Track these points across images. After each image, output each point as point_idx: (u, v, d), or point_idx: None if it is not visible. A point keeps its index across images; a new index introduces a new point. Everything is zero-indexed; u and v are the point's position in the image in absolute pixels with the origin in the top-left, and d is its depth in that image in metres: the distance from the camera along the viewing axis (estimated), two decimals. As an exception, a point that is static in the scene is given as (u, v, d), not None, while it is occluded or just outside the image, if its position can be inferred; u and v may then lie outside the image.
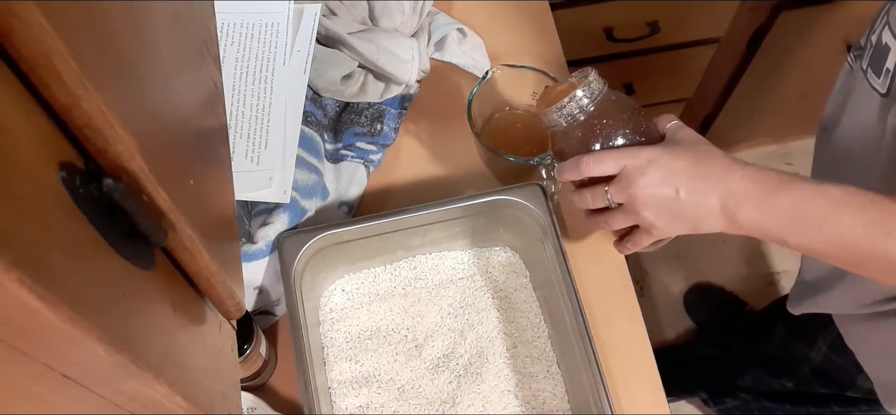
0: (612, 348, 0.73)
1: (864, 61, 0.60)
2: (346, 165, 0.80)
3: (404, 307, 0.75)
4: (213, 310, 0.39)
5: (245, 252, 0.68)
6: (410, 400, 0.71)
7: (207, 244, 0.33)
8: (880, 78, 0.57)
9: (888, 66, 0.55)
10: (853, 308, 0.74)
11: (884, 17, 0.55)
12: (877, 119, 0.59)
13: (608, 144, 0.61)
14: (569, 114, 0.62)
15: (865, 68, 0.59)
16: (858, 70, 0.61)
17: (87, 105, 0.22)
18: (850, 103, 0.63)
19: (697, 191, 0.55)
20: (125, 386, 0.26)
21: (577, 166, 0.60)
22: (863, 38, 0.65)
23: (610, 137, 0.61)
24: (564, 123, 0.62)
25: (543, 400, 0.71)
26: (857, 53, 0.62)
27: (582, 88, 0.61)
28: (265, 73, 0.76)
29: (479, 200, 0.72)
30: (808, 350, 0.92)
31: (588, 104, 0.61)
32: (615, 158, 0.57)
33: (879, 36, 0.56)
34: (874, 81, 0.58)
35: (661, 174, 0.55)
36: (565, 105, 0.61)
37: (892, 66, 0.54)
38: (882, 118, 0.58)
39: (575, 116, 0.62)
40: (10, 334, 0.20)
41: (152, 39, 0.30)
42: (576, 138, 0.62)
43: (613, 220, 0.61)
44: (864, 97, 0.60)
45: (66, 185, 0.22)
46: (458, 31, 0.89)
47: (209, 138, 0.40)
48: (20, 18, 0.19)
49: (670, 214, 0.56)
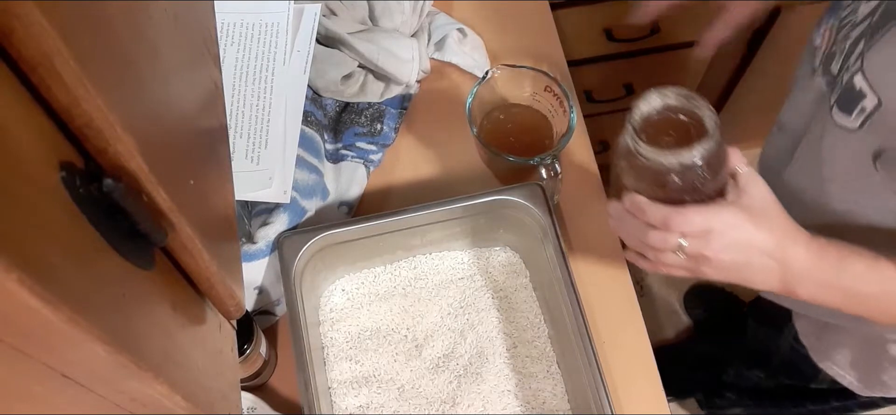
0: (612, 348, 0.73)
1: (831, 95, 0.59)
2: (346, 165, 0.80)
3: (404, 307, 0.75)
4: (213, 310, 0.39)
5: (245, 252, 0.68)
6: (410, 400, 0.71)
7: (207, 244, 0.33)
8: (851, 116, 0.56)
9: (864, 107, 0.54)
10: (812, 312, 0.76)
11: (857, 61, 0.54)
12: (845, 149, 0.59)
13: (698, 195, 0.57)
14: (683, 164, 0.55)
15: (831, 103, 0.58)
16: (826, 98, 0.60)
17: (87, 105, 0.22)
18: (816, 127, 0.62)
19: (765, 266, 0.57)
20: (125, 386, 0.26)
21: (666, 224, 0.57)
22: (817, 54, 0.64)
23: (703, 188, 0.56)
24: (669, 167, 0.55)
25: (543, 400, 0.71)
26: (828, 80, 0.61)
27: (710, 143, 0.54)
28: (265, 73, 0.76)
29: (479, 200, 0.72)
30: (777, 340, 0.93)
31: (705, 159, 0.55)
32: (704, 220, 0.56)
33: (851, 78, 0.55)
34: (842, 119, 0.57)
35: (740, 244, 0.56)
36: (684, 159, 0.54)
37: (868, 106, 0.53)
38: (853, 149, 0.58)
39: (686, 168, 0.55)
40: (11, 335, 0.20)
41: (152, 39, 0.30)
42: (667, 181, 0.56)
43: (669, 259, 0.60)
44: (831, 127, 0.59)
45: (66, 185, 0.22)
46: (458, 31, 0.89)
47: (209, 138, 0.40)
48: (20, 18, 0.19)
49: (730, 275, 0.58)
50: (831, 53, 0.60)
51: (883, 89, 0.51)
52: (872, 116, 0.54)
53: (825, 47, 0.63)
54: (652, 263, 0.62)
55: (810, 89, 0.65)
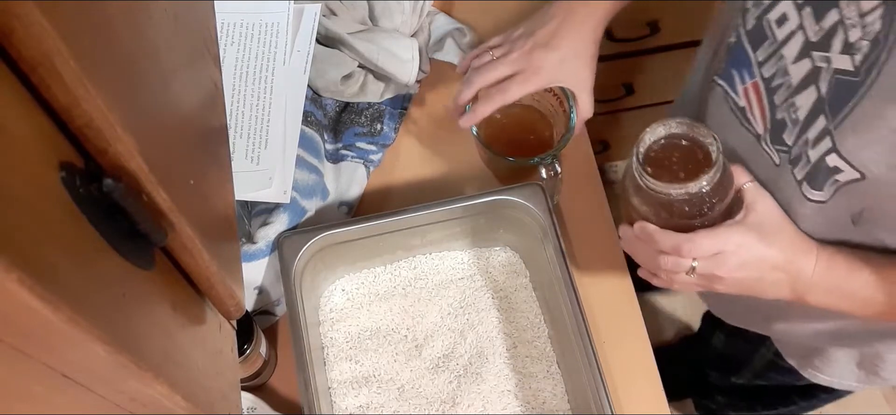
0: (612, 348, 0.73)
1: (796, 170, 0.58)
2: (346, 165, 0.80)
3: (404, 307, 0.75)
4: (213, 310, 0.39)
5: (245, 252, 0.68)
6: (410, 400, 0.71)
7: (207, 244, 0.33)
8: (823, 191, 0.56)
9: (838, 179, 0.54)
10: None
11: (825, 139, 0.53)
12: (818, 215, 0.58)
13: (706, 218, 0.58)
14: (690, 194, 0.56)
15: (800, 180, 0.57)
16: (786, 170, 0.59)
17: (87, 105, 0.22)
18: (778, 195, 0.61)
19: (777, 280, 0.58)
20: (125, 386, 0.26)
21: (678, 251, 0.57)
22: (752, 119, 0.62)
23: (711, 212, 0.58)
24: (679, 198, 0.57)
25: (543, 400, 0.71)
26: (782, 150, 0.60)
27: (714, 173, 0.55)
28: (265, 73, 0.76)
29: (479, 200, 0.72)
30: (752, 354, 0.94)
31: (715, 182, 0.56)
32: (714, 243, 0.57)
33: (822, 158, 0.54)
34: (814, 194, 0.57)
35: (753, 262, 0.57)
36: (692, 190, 0.56)
37: (844, 179, 0.53)
38: (828, 215, 0.58)
39: (694, 198, 0.57)
40: (11, 334, 0.20)
41: (152, 39, 0.30)
42: (675, 208, 0.58)
43: (687, 285, 0.61)
44: (800, 197, 0.59)
45: (66, 185, 0.22)
46: (458, 31, 0.89)
47: (209, 138, 0.40)
48: (20, 18, 0.19)
49: (743, 290, 0.60)
50: (779, 123, 0.58)
51: (865, 166, 0.51)
52: (848, 185, 0.54)
53: (761, 113, 0.60)
54: (665, 282, 0.62)
55: (752, 151, 0.63)
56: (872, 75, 0.48)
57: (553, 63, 0.70)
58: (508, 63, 0.71)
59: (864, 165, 0.51)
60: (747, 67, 0.60)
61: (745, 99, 0.62)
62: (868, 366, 0.75)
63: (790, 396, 1.00)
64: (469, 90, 0.71)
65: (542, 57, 0.70)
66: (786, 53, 0.55)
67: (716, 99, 0.66)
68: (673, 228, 0.58)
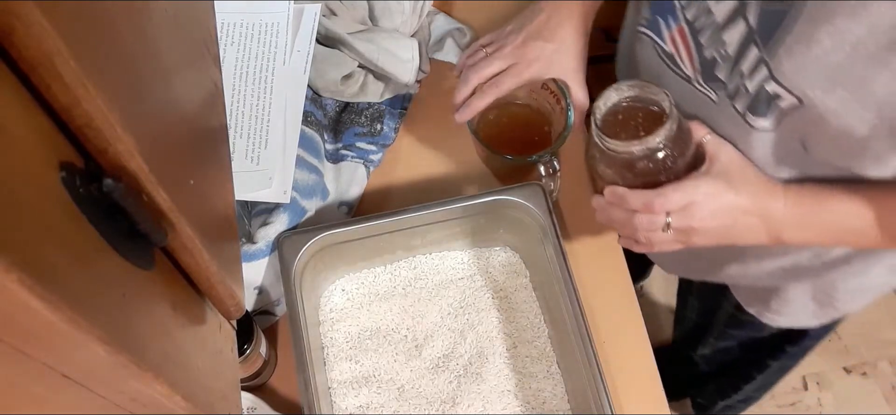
0: (612, 348, 0.73)
1: (737, 103, 0.59)
2: (346, 165, 0.80)
3: (404, 307, 0.75)
4: (213, 310, 0.39)
5: (245, 252, 0.68)
6: (410, 400, 0.71)
7: (207, 244, 0.33)
8: (768, 119, 0.57)
9: (780, 107, 0.55)
10: None
11: (760, 67, 0.54)
12: (768, 145, 0.59)
13: (670, 172, 0.60)
14: (649, 149, 0.58)
15: (742, 111, 0.58)
16: (725, 105, 0.60)
17: (87, 105, 0.22)
18: (721, 132, 0.63)
19: (750, 225, 0.60)
20: (125, 386, 0.26)
21: (648, 206, 0.59)
22: (680, 62, 0.63)
23: (674, 166, 0.60)
24: (639, 154, 0.59)
25: (543, 400, 0.71)
26: (718, 87, 0.61)
27: (670, 125, 0.58)
28: (265, 73, 0.76)
29: (479, 200, 0.72)
30: (715, 312, 0.97)
31: (669, 141, 0.58)
32: (685, 195, 0.59)
33: (760, 85, 0.55)
34: (759, 122, 0.58)
35: (724, 209, 0.59)
36: (650, 144, 0.58)
37: (785, 105, 0.54)
38: (776, 141, 0.59)
39: (652, 153, 0.59)
40: (11, 335, 0.20)
41: (152, 39, 0.30)
42: (638, 167, 0.60)
43: (659, 238, 0.62)
44: (747, 130, 0.59)
45: (66, 185, 0.22)
46: (458, 30, 0.89)
47: (209, 138, 0.40)
48: (20, 18, 0.19)
49: (720, 238, 0.61)
50: (709, 62, 0.59)
51: (803, 92, 0.52)
52: (791, 113, 0.55)
53: (688, 56, 0.62)
54: (645, 246, 0.64)
55: (688, 95, 0.64)
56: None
57: (545, 54, 0.72)
58: (502, 57, 0.73)
59: (802, 90, 0.52)
60: (671, 14, 0.62)
61: (672, 45, 0.63)
62: (823, 299, 0.77)
63: (761, 358, 1.02)
64: (465, 88, 0.73)
65: (535, 48, 0.72)
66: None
67: (645, 49, 0.68)
68: (640, 188, 0.60)
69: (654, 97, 0.60)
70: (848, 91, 0.50)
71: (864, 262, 0.69)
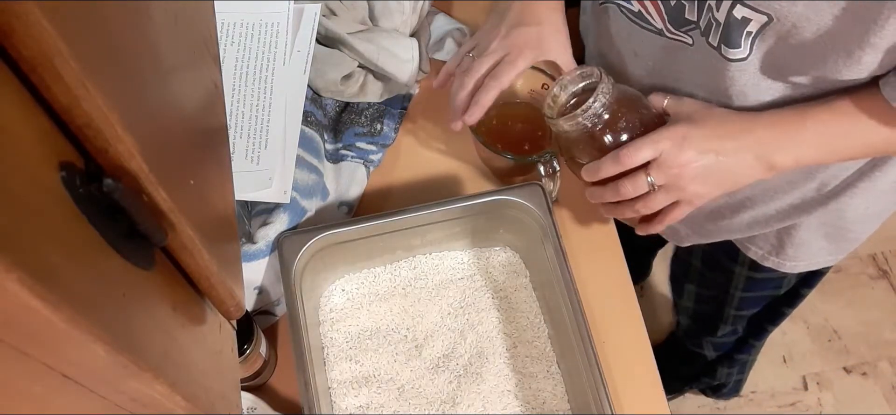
0: (612, 348, 0.73)
1: (710, 38, 0.58)
2: (346, 165, 0.80)
3: (404, 307, 0.75)
4: (213, 310, 0.39)
5: (245, 252, 0.68)
6: (410, 400, 0.71)
7: (207, 244, 0.33)
8: (741, 48, 0.56)
9: (750, 31, 0.55)
10: None
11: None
12: (749, 76, 0.59)
13: (631, 135, 0.62)
14: (594, 114, 0.62)
15: (716, 45, 0.58)
16: (701, 44, 0.60)
17: (87, 105, 0.22)
18: (701, 82, 0.63)
19: (733, 150, 0.59)
20: (125, 386, 0.26)
21: (616, 161, 0.61)
22: (650, 19, 0.63)
23: (631, 128, 0.62)
24: (590, 124, 0.62)
25: (543, 400, 0.71)
26: (689, 28, 0.61)
27: (603, 86, 0.61)
28: (265, 73, 0.76)
29: (479, 200, 0.72)
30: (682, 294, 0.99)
31: (611, 102, 0.61)
32: (653, 143, 0.60)
33: (729, 13, 0.54)
34: (733, 53, 0.57)
35: (698, 145, 0.59)
36: (591, 107, 0.61)
37: (754, 28, 0.54)
38: (755, 70, 0.58)
39: (600, 116, 0.62)
40: (10, 334, 0.20)
41: (152, 39, 0.30)
42: (597, 137, 0.63)
43: (654, 202, 0.63)
44: (723, 66, 0.59)
45: (66, 185, 0.22)
46: (458, 30, 0.89)
47: (209, 138, 0.40)
48: (20, 18, 0.19)
49: (714, 179, 0.61)
50: (676, 7, 0.59)
51: (770, 7, 0.52)
52: (761, 33, 0.55)
53: (655, 9, 0.62)
54: (651, 220, 0.65)
55: (665, 48, 0.65)
56: None
57: (532, 37, 0.71)
58: (490, 53, 0.72)
59: (769, 6, 0.52)
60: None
61: (638, 3, 0.64)
62: (833, 232, 0.77)
63: (779, 311, 1.02)
64: (463, 92, 0.72)
65: (521, 35, 0.71)
66: None
67: (613, 17, 0.68)
68: None
69: (591, 77, 0.63)
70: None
71: (868, 183, 0.69)
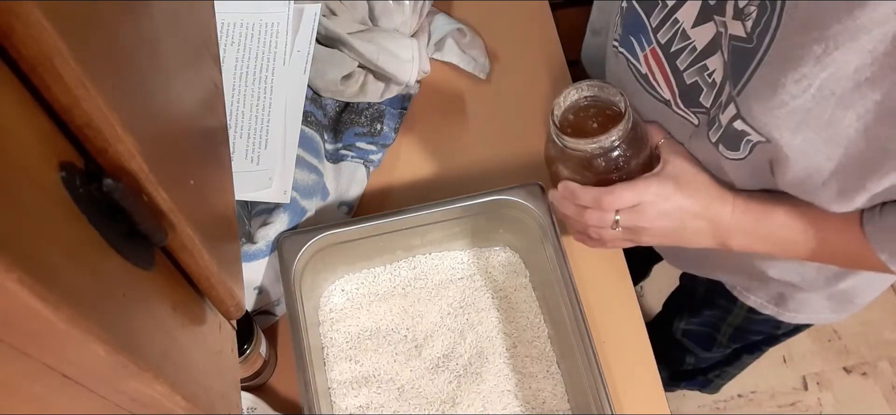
0: (612, 348, 0.73)
1: (710, 133, 0.58)
2: (346, 165, 0.80)
3: (404, 307, 0.75)
4: (213, 310, 0.39)
5: (245, 252, 0.68)
6: (410, 400, 0.71)
7: (207, 244, 0.33)
8: (739, 151, 0.56)
9: (749, 140, 0.54)
10: None
11: (730, 105, 0.54)
12: (739, 169, 0.59)
13: (623, 172, 0.61)
14: (602, 147, 0.60)
15: (714, 142, 0.58)
16: (703, 130, 0.59)
17: (87, 105, 0.22)
18: (696, 152, 0.62)
19: (698, 228, 0.61)
20: (125, 386, 0.26)
21: (598, 204, 0.60)
22: (656, 85, 0.62)
23: (624, 167, 0.61)
24: (592, 152, 0.60)
25: (543, 400, 0.71)
26: (697, 112, 0.60)
27: (623, 125, 0.59)
28: (265, 73, 0.76)
29: (479, 200, 0.72)
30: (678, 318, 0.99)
31: (622, 140, 0.60)
32: (636, 194, 0.60)
33: (730, 123, 0.54)
34: (730, 154, 0.57)
35: (672, 212, 0.60)
36: (604, 143, 0.59)
37: (754, 139, 0.54)
38: (746, 170, 0.58)
39: (606, 150, 0.60)
40: (10, 334, 0.20)
41: (152, 39, 0.30)
42: (591, 161, 0.61)
43: (615, 240, 0.63)
44: (718, 156, 0.59)
45: (66, 185, 0.22)
46: (458, 30, 0.89)
47: (209, 138, 0.40)
48: (20, 18, 0.19)
49: (668, 239, 0.62)
50: (691, 87, 0.59)
51: (770, 133, 0.51)
52: (759, 145, 0.54)
53: (664, 79, 0.61)
54: (595, 242, 0.65)
55: (664, 116, 0.64)
56: (766, 42, 0.48)
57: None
58: None
59: (769, 131, 0.52)
60: (644, 33, 0.61)
61: (646, 66, 0.63)
62: (839, 297, 0.76)
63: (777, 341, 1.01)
64: None
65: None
66: (681, 18, 0.56)
67: (620, 66, 0.67)
68: (594, 186, 0.62)
69: (612, 98, 0.62)
70: (814, 132, 0.49)
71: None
